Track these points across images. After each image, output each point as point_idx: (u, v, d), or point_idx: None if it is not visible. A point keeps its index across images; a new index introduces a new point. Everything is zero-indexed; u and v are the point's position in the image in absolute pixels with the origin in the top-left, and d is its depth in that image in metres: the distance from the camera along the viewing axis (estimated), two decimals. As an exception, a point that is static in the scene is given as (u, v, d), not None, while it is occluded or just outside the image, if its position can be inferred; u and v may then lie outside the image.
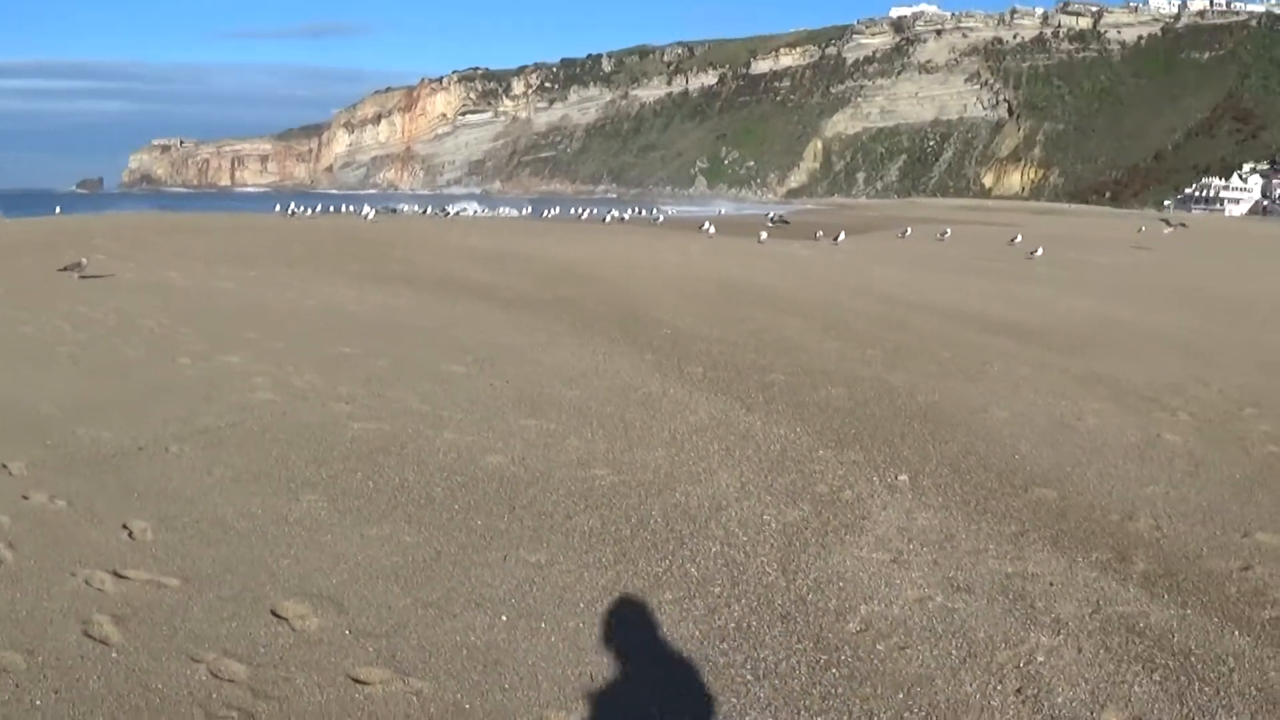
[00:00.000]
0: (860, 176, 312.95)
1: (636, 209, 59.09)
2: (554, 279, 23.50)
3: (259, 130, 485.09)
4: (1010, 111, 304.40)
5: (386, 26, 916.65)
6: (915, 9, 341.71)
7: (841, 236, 40.20)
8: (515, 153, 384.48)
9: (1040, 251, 35.32)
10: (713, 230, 41.83)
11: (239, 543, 6.99)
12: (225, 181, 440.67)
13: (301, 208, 61.02)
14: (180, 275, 22.28)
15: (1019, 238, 43.63)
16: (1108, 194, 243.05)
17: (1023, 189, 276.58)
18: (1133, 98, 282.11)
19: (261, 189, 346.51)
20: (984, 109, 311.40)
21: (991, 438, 10.56)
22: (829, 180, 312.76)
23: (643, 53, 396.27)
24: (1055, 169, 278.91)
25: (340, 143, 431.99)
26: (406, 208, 70.60)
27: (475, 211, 67.91)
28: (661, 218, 57.32)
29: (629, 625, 6.02)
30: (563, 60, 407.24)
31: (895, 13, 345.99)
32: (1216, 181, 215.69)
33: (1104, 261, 38.54)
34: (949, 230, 48.84)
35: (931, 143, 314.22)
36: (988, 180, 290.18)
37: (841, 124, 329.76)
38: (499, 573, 6.69)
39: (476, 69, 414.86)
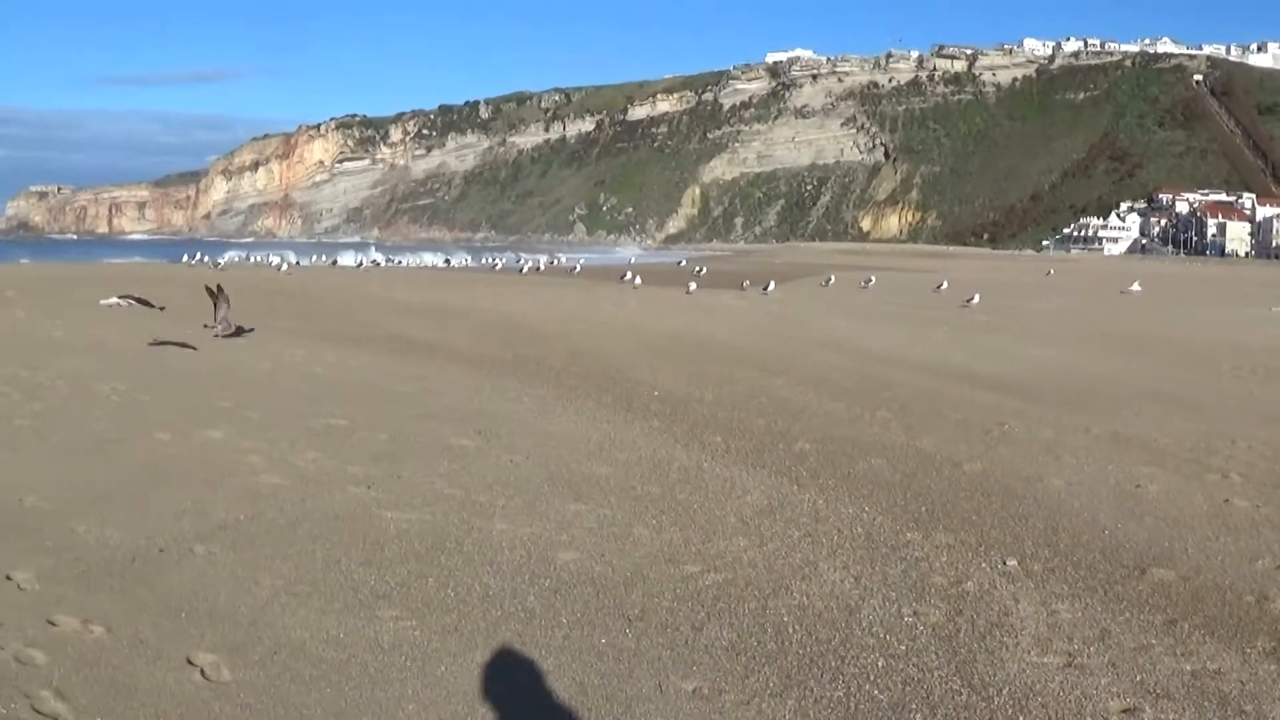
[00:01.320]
0: (739, 221, 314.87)
1: (552, 258, 58.15)
2: (505, 336, 22.39)
3: (137, 177, 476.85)
4: (887, 155, 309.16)
5: (262, 72, 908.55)
6: (791, 54, 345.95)
7: (771, 286, 39.50)
8: (394, 200, 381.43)
9: (977, 299, 34.91)
10: (639, 281, 40.95)
11: (340, 680, 5.86)
12: (103, 229, 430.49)
13: (203, 257, 59.17)
14: (115, 334, 20.74)
15: (944, 284, 43.39)
16: (985, 235, 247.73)
17: (900, 232, 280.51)
18: (1009, 139, 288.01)
19: (145, 236, 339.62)
20: (861, 153, 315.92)
21: (1064, 511, 9.82)
22: (707, 226, 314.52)
23: (520, 99, 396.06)
24: (933, 211, 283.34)
25: (218, 190, 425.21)
26: (295, 258, 68.18)
27: (374, 261, 66.15)
28: (578, 267, 56.32)
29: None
30: (440, 107, 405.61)
31: (771, 58, 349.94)
32: (1095, 221, 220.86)
33: (1039, 307, 38.39)
34: (873, 278, 48.43)
35: (809, 187, 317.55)
36: (865, 224, 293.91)
37: (719, 169, 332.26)
38: (664, 707, 5.70)
39: (354, 116, 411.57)
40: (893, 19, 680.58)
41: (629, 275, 43.90)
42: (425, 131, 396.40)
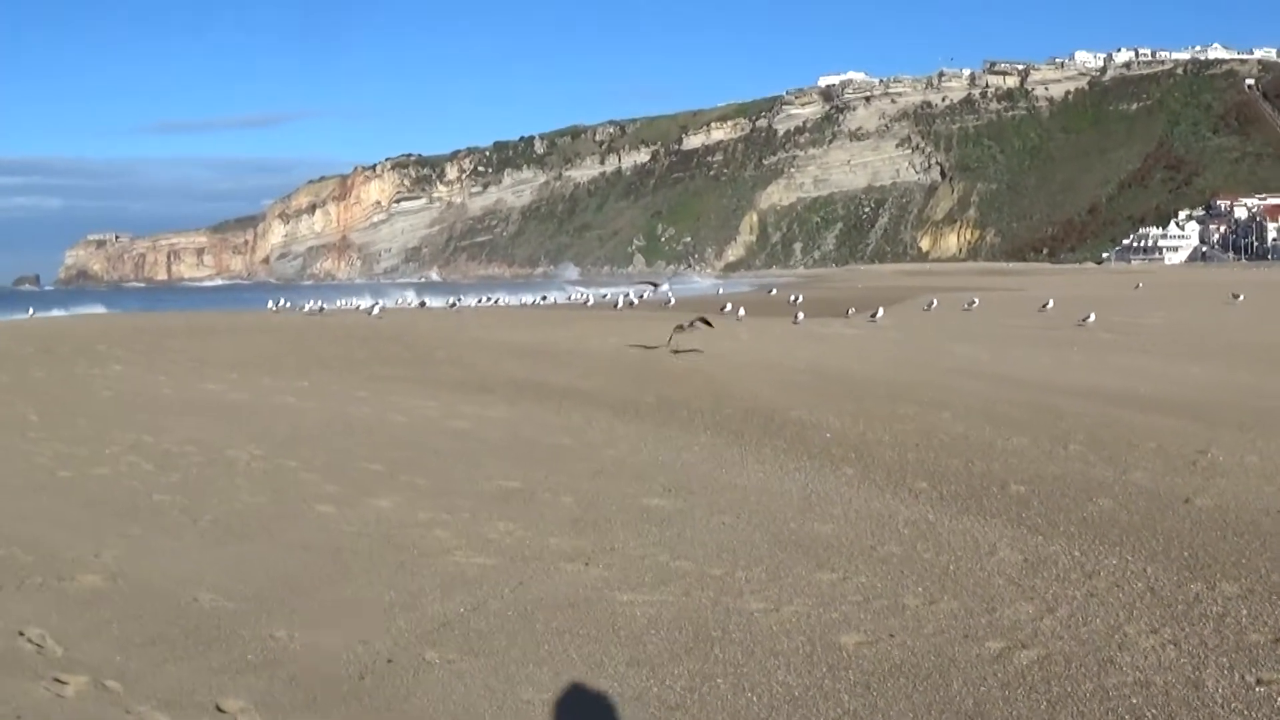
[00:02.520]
0: (797, 247, 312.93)
1: (643, 292, 56.60)
2: (635, 376, 20.99)
3: (193, 223, 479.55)
4: (943, 174, 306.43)
5: (314, 115, 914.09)
6: (843, 77, 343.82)
7: (880, 313, 37.92)
8: (452, 238, 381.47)
9: (1092, 318, 33.34)
10: (742, 312, 39.41)
11: None
12: (162, 275, 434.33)
13: (285, 302, 58.30)
14: (226, 388, 19.66)
15: (1050, 303, 41.72)
16: (1045, 250, 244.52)
17: (960, 250, 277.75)
18: (1064, 153, 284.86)
19: (222, 281, 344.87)
20: (916, 173, 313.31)
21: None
22: (766, 252, 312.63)
23: (575, 133, 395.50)
24: (991, 229, 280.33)
25: (276, 233, 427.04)
26: (383, 300, 66.09)
27: (455, 302, 64.83)
28: (672, 300, 54.92)
29: None
30: (495, 143, 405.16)
31: (823, 81, 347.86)
32: (1154, 230, 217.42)
33: (1153, 322, 36.81)
34: (976, 299, 46.75)
35: (866, 209, 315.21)
36: (925, 243, 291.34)
37: (776, 195, 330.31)
38: None
39: (409, 155, 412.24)
40: (943, 38, 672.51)
41: (729, 306, 42.47)
42: (481, 168, 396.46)
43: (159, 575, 8.36)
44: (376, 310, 48.17)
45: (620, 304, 54.33)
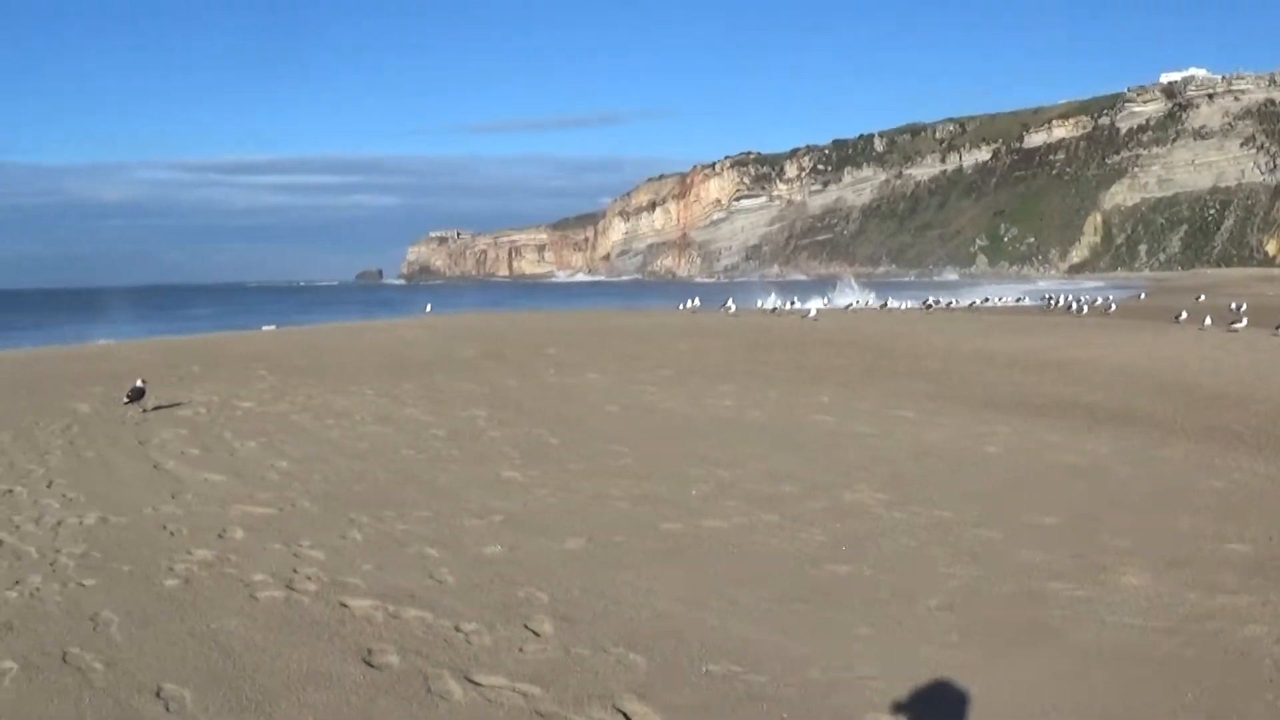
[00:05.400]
0: (1142, 249, 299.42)
1: (1094, 297, 54.99)
2: (1185, 398, 19.43)
3: (528, 220, 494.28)
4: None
5: (649, 114, 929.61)
6: (1185, 73, 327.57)
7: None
8: (792, 236, 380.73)
9: None
10: (1209, 321, 36.47)
11: None
12: (504, 272, 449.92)
13: (696, 301, 58.50)
14: (736, 405, 19.17)
15: None
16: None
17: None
18: None
19: (585, 278, 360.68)
20: (1261, 174, 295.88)
21: None
22: (1111, 254, 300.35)
23: (914, 130, 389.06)
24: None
25: (616, 231, 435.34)
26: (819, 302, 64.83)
27: (855, 303, 63.69)
28: (1113, 306, 52.56)
29: None
30: (834, 141, 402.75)
31: (1165, 78, 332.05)
32: None
33: None
34: None
35: (1212, 211, 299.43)
36: (1270, 248, 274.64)
37: (1119, 195, 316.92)
38: None
39: (748, 153, 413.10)
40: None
41: (1184, 315, 39.98)
42: (820, 167, 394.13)
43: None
44: (813, 313, 47.41)
45: (1075, 307, 52.36)
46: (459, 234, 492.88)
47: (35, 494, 12.80)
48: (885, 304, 62.52)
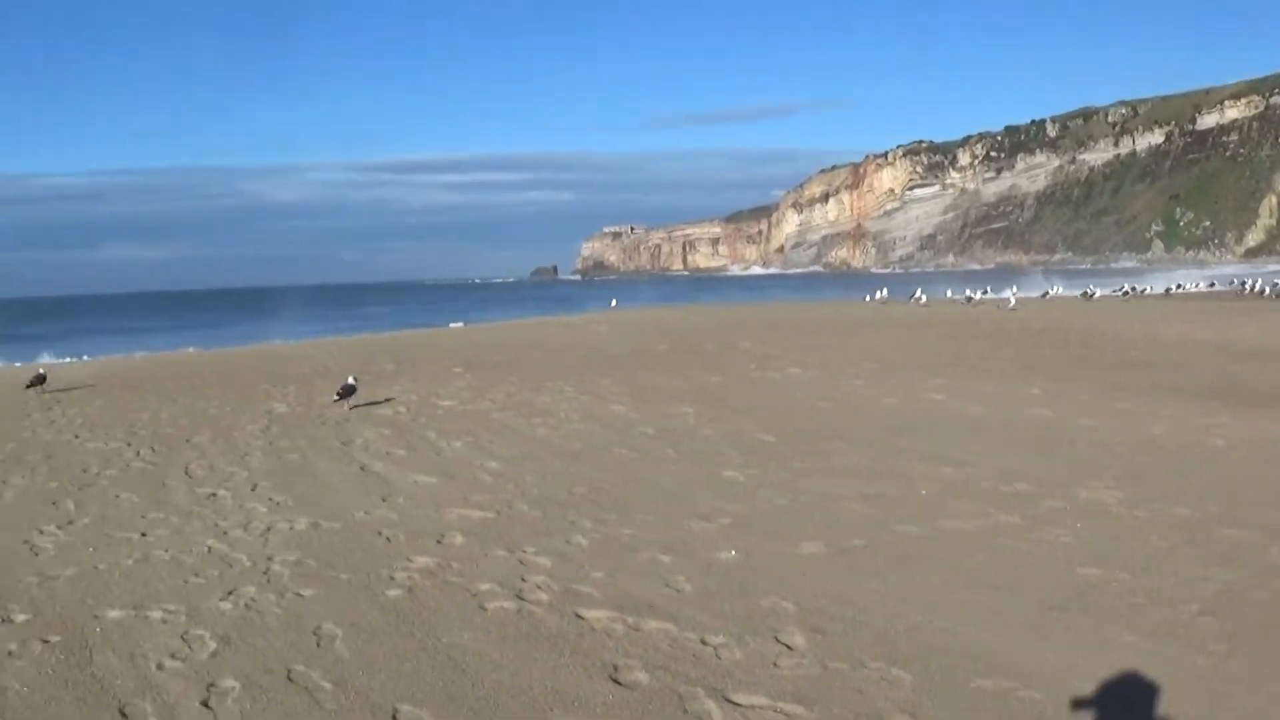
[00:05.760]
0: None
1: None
2: None
3: (702, 214, 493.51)
4: None
5: (821, 105, 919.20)
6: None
7: None
8: (966, 225, 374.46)
9: None
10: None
11: None
12: (678, 266, 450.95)
13: (884, 292, 57.79)
14: (948, 398, 18.35)
15: None
16: None
17: None
18: None
19: (761, 271, 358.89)
20: None
21: None
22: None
23: (1086, 115, 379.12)
24: None
25: (789, 223, 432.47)
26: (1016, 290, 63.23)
27: (1050, 291, 62.15)
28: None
29: None
30: (1006, 127, 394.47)
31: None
32: None
33: None
34: None
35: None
36: None
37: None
38: None
39: (920, 142, 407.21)
40: None
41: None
42: (993, 154, 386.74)
43: None
44: (1012, 303, 46.42)
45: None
46: (633, 229, 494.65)
47: (240, 498, 12.63)
48: (1088, 293, 60.08)
